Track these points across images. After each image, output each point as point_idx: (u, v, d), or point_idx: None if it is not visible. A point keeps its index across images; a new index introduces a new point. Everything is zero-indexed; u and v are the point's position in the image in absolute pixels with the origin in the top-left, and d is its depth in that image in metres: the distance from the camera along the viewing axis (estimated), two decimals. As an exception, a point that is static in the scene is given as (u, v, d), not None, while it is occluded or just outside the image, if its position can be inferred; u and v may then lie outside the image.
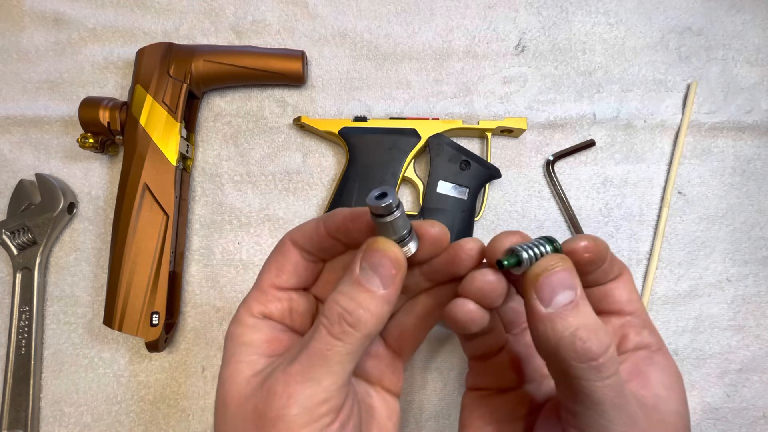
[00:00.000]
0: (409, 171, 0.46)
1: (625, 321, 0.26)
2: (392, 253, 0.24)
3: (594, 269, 0.25)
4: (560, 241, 0.25)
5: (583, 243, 0.24)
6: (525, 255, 0.23)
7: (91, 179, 0.48)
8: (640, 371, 0.25)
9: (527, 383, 0.30)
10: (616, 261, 0.26)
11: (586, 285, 0.27)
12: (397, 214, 0.23)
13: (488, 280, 0.25)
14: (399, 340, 0.30)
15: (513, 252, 0.24)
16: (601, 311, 0.27)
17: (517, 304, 0.31)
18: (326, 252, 0.27)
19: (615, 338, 0.27)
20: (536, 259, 0.24)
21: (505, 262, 0.24)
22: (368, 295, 0.23)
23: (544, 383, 0.30)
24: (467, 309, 0.25)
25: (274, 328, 0.27)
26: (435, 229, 0.25)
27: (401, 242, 0.24)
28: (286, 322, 0.27)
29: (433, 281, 0.28)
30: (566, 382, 0.22)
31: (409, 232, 0.25)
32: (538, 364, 0.30)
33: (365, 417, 0.28)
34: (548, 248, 0.24)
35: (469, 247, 0.26)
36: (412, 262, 0.25)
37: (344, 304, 0.23)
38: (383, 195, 0.23)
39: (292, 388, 0.22)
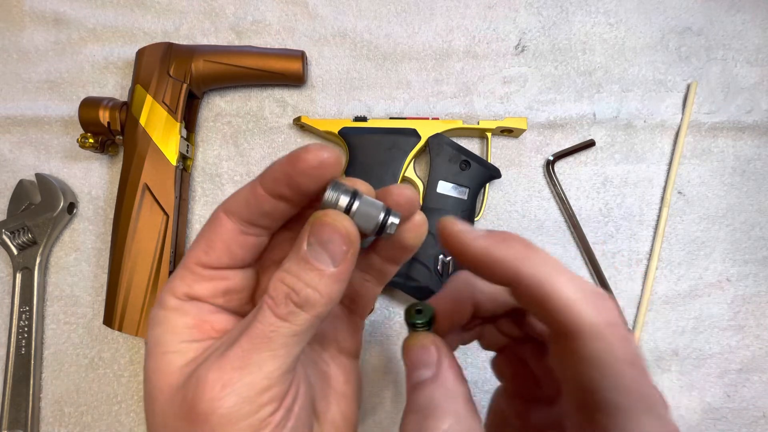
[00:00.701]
0: (409, 171, 0.46)
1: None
2: (342, 227, 0.21)
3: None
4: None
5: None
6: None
7: (91, 179, 0.48)
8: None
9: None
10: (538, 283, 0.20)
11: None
12: (357, 204, 0.21)
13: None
14: (351, 298, 0.28)
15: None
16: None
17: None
18: (270, 218, 0.23)
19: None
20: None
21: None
22: (317, 274, 0.21)
23: None
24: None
25: (202, 310, 0.23)
26: (407, 192, 0.23)
27: (381, 226, 0.22)
28: (218, 303, 0.24)
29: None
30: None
31: (387, 213, 0.22)
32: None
33: (321, 387, 0.26)
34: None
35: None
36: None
37: (291, 283, 0.20)
38: (336, 185, 0.21)
39: (228, 375, 0.20)
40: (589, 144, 0.48)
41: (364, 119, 0.46)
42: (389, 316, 0.47)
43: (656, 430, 0.19)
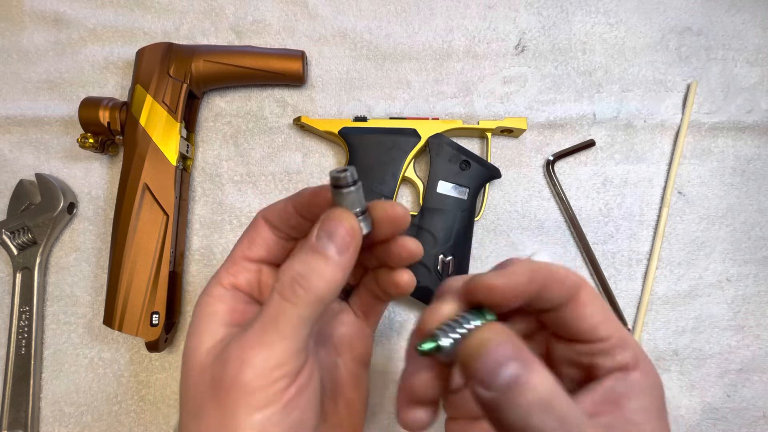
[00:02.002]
0: (409, 171, 0.46)
1: (594, 348, 0.23)
2: (348, 222, 0.24)
3: (524, 303, 0.23)
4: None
5: (485, 283, 0.22)
6: (445, 342, 0.21)
7: (91, 179, 0.48)
8: (613, 398, 0.22)
9: None
10: (561, 281, 0.23)
11: (538, 310, 0.24)
12: (352, 188, 0.24)
13: (423, 380, 0.23)
14: (363, 309, 0.31)
15: (432, 337, 0.21)
16: (563, 338, 0.25)
17: None
18: (295, 230, 0.28)
19: (581, 367, 0.25)
20: (462, 338, 0.21)
21: (424, 348, 0.21)
22: (322, 260, 0.23)
23: None
24: (417, 417, 0.24)
25: (238, 299, 0.27)
26: (397, 209, 0.26)
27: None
28: (254, 294, 0.28)
29: (380, 262, 0.29)
30: None
31: (363, 212, 0.25)
32: None
33: (331, 389, 0.28)
34: (476, 320, 0.21)
35: (403, 244, 0.27)
36: (369, 242, 0.26)
37: (297, 268, 0.23)
38: (344, 170, 0.24)
39: (246, 353, 0.23)
40: (589, 144, 0.48)
41: (364, 119, 0.46)
42: (389, 316, 0.47)
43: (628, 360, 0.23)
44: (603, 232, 0.48)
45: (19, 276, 0.46)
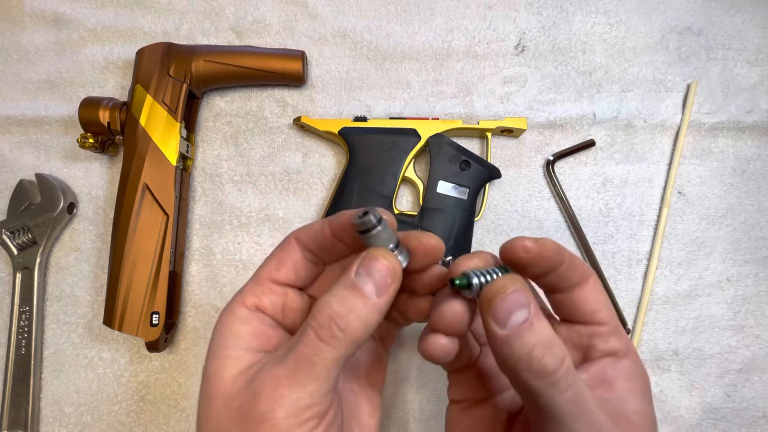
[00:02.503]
0: (409, 171, 0.46)
1: (592, 330, 0.26)
2: (390, 262, 0.24)
3: (545, 272, 0.25)
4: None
5: (523, 243, 0.24)
6: (475, 280, 0.24)
7: (91, 179, 0.48)
8: (605, 378, 0.26)
9: (504, 392, 0.30)
10: (577, 266, 0.26)
11: (548, 291, 0.27)
12: (379, 228, 0.24)
13: (455, 311, 0.25)
14: (380, 333, 0.31)
15: (465, 275, 0.24)
16: (567, 320, 0.28)
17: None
18: (329, 253, 0.28)
19: (580, 349, 0.27)
20: (487, 283, 0.24)
21: (457, 282, 0.24)
22: (361, 300, 0.23)
23: None
24: (440, 344, 0.25)
25: (263, 323, 0.27)
26: (432, 241, 0.25)
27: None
28: (278, 318, 0.27)
29: (407, 288, 0.29)
30: (528, 397, 0.23)
31: (397, 245, 0.25)
32: None
33: (347, 415, 0.28)
34: (500, 273, 0.24)
35: (435, 274, 0.27)
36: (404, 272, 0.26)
37: (336, 307, 0.23)
38: (365, 213, 0.24)
39: (279, 391, 0.22)
40: (589, 144, 0.48)
41: (364, 119, 0.46)
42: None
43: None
44: (603, 232, 0.48)
45: (19, 276, 0.46)
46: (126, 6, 0.50)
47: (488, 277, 0.24)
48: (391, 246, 0.25)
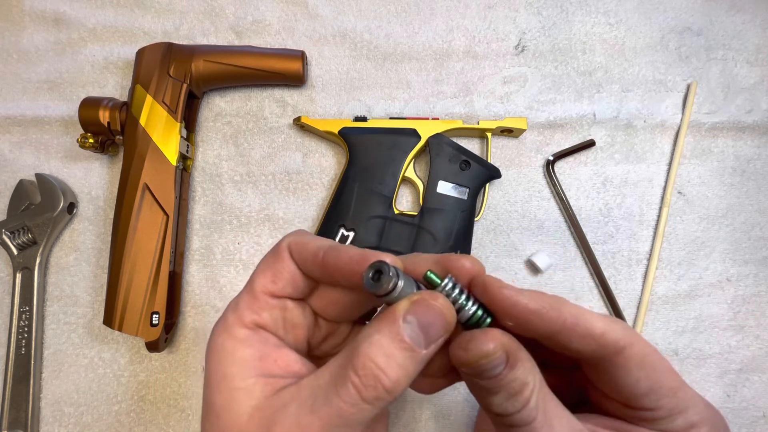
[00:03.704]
0: (409, 171, 0.46)
1: (635, 414, 0.23)
2: (449, 315, 0.21)
3: (528, 332, 0.22)
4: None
5: (501, 291, 0.22)
6: (461, 299, 0.22)
7: (91, 179, 0.48)
8: None
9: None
10: (594, 332, 0.22)
11: (563, 356, 0.24)
12: (400, 285, 0.21)
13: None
14: None
15: (454, 288, 0.22)
16: (604, 394, 0.24)
17: None
18: (323, 279, 0.25)
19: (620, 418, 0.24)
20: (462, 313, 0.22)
21: (430, 275, 0.22)
22: (410, 356, 0.20)
23: None
24: (423, 381, 0.24)
25: (266, 343, 0.24)
26: (474, 266, 0.23)
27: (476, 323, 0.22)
28: (279, 334, 0.25)
29: None
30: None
31: (484, 311, 0.22)
32: None
33: None
34: (477, 311, 0.22)
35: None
36: None
37: (382, 363, 0.20)
38: (378, 273, 0.20)
39: None
40: (589, 144, 0.48)
41: (364, 119, 0.46)
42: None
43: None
44: (603, 232, 0.48)
45: (19, 276, 0.46)
46: (126, 6, 0.50)
47: (462, 298, 0.22)
48: (479, 312, 0.22)
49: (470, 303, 0.22)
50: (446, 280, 0.22)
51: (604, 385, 0.23)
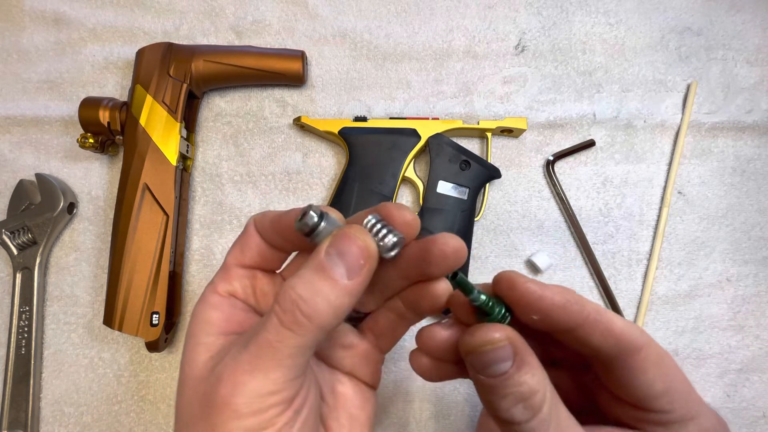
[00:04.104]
0: (409, 171, 0.46)
1: (647, 416, 0.23)
2: (363, 241, 0.22)
3: (548, 327, 0.23)
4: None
5: (525, 285, 0.22)
6: (476, 295, 0.22)
7: (91, 179, 0.48)
8: None
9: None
10: (614, 330, 0.22)
11: (580, 354, 0.24)
12: (323, 225, 0.22)
13: (437, 338, 0.24)
14: (376, 335, 0.29)
15: (465, 283, 0.22)
16: (616, 395, 0.24)
17: None
18: (288, 244, 0.26)
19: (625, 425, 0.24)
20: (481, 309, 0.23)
21: (458, 281, 0.22)
22: (329, 283, 0.21)
23: None
24: (421, 363, 0.24)
25: (234, 307, 0.26)
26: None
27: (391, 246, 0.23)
28: (249, 302, 0.27)
29: (409, 280, 0.26)
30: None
31: (380, 229, 0.23)
32: None
33: (334, 405, 0.27)
34: (493, 306, 0.23)
35: (444, 242, 0.23)
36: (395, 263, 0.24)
37: (301, 291, 0.21)
38: (303, 214, 0.22)
39: (239, 377, 0.21)
40: (589, 144, 0.48)
41: (364, 119, 0.46)
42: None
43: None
44: (603, 232, 0.48)
45: (19, 276, 0.46)
46: (126, 6, 0.50)
47: (483, 298, 0.22)
48: (373, 227, 0.23)
49: (388, 233, 0.23)
50: (369, 217, 0.23)
51: (617, 386, 0.23)
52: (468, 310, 0.24)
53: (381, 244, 0.23)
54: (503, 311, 0.23)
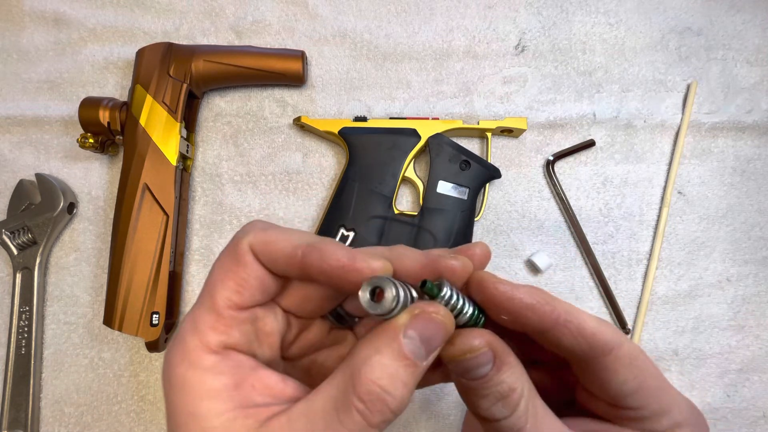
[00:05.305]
0: (409, 171, 0.46)
1: (621, 413, 0.23)
2: (450, 325, 0.20)
3: (522, 327, 0.22)
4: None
5: (494, 286, 0.21)
6: (447, 291, 0.21)
7: (91, 179, 0.48)
8: None
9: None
10: (585, 331, 0.22)
11: (553, 353, 0.24)
12: (399, 307, 0.20)
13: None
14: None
15: (439, 286, 0.21)
16: (591, 394, 0.24)
17: None
18: (296, 277, 0.22)
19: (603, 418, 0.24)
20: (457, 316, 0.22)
21: (429, 286, 0.21)
22: (411, 370, 0.19)
23: None
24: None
25: (240, 367, 0.20)
26: (465, 268, 0.22)
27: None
28: (252, 350, 0.22)
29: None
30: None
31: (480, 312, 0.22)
32: None
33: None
34: (469, 308, 0.22)
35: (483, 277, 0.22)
36: None
37: (387, 386, 0.18)
38: (377, 290, 0.19)
39: None
40: (589, 144, 0.48)
41: (364, 119, 0.46)
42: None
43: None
44: (603, 232, 0.48)
45: (19, 276, 0.46)
46: (126, 6, 0.50)
47: (460, 303, 0.21)
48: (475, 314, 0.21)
49: (468, 306, 0.22)
50: (445, 290, 0.21)
51: (592, 385, 0.23)
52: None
53: (457, 318, 0.21)
54: (476, 313, 0.22)
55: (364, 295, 0.19)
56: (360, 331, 0.27)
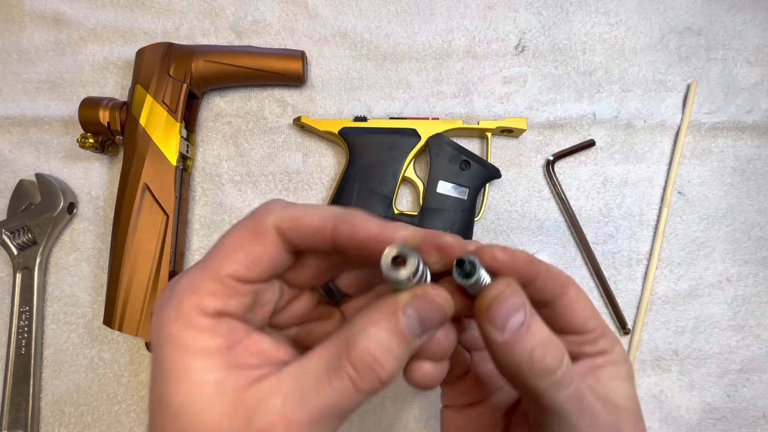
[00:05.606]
0: (409, 171, 0.46)
1: (582, 339, 0.25)
2: (449, 309, 0.21)
3: (530, 287, 0.23)
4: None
5: (492, 252, 0.22)
6: (483, 273, 0.22)
7: (91, 179, 0.48)
8: (593, 367, 0.26)
9: (500, 390, 0.29)
10: (556, 277, 0.24)
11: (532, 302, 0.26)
12: (415, 280, 0.20)
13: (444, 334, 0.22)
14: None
15: (472, 263, 0.21)
16: (556, 331, 0.26)
17: (474, 330, 0.29)
18: (323, 250, 0.22)
19: (571, 355, 0.26)
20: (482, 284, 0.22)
21: (465, 267, 0.21)
22: (404, 346, 0.20)
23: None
24: (426, 371, 0.23)
25: (234, 331, 0.21)
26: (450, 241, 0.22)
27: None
28: (246, 317, 0.22)
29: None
30: (531, 397, 0.22)
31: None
32: None
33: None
34: (489, 276, 0.22)
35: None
36: None
37: (380, 356, 0.20)
38: (400, 259, 0.20)
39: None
40: (589, 144, 0.48)
41: (364, 119, 0.46)
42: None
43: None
44: (603, 232, 0.48)
45: (19, 276, 0.46)
46: (126, 6, 0.50)
47: (484, 273, 0.22)
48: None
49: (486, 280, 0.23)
50: (482, 272, 0.21)
51: (559, 320, 0.25)
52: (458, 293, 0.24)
53: (477, 286, 0.22)
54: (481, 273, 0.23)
55: (387, 257, 0.20)
56: (347, 310, 0.27)
